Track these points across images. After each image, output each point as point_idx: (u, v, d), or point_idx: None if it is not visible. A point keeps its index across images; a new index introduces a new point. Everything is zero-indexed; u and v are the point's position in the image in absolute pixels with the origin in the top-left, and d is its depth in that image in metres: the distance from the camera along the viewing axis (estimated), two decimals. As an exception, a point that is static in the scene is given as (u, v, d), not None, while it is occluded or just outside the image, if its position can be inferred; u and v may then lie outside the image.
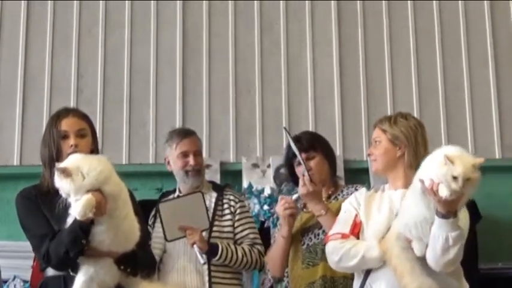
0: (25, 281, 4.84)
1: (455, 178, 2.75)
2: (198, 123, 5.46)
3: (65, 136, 3.20)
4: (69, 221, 2.91)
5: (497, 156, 5.55)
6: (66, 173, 2.81)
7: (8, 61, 5.75)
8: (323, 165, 3.87)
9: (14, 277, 4.74)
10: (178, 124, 5.57)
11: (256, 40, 5.80)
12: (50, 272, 3.13)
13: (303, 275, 3.72)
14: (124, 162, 5.55)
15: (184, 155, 4.14)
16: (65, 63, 5.74)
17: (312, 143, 3.92)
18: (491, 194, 5.21)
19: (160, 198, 4.29)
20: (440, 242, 2.87)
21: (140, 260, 3.10)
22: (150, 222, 4.16)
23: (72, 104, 5.49)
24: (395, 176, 3.29)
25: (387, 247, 3.02)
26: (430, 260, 2.95)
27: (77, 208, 2.78)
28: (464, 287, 3.11)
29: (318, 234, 3.68)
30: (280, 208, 3.77)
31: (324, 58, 5.77)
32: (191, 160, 4.12)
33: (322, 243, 3.57)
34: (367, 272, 3.14)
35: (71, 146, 3.16)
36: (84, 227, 2.84)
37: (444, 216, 2.84)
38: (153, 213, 4.19)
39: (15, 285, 4.77)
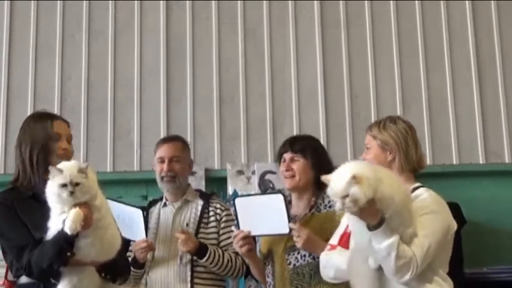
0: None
1: (342, 198, 2.80)
2: (183, 130, 5.44)
3: (57, 139, 3.23)
4: (50, 234, 2.91)
5: (481, 162, 5.58)
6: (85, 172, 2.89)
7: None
8: (304, 171, 3.83)
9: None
10: (162, 131, 5.59)
11: (240, 48, 5.82)
12: (24, 279, 3.10)
13: None
14: (108, 170, 5.57)
15: (161, 160, 4.20)
16: (49, 71, 5.74)
17: (302, 148, 3.90)
18: (475, 199, 5.25)
19: (147, 207, 4.29)
20: (377, 254, 2.91)
21: (120, 268, 3.15)
22: None
23: (56, 112, 5.44)
24: None
25: (352, 261, 3.05)
26: (385, 272, 2.97)
27: (67, 223, 2.80)
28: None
29: (305, 256, 3.65)
30: (236, 246, 3.78)
31: (308, 65, 5.78)
32: (164, 166, 4.14)
33: (309, 267, 3.59)
34: None
35: (64, 149, 3.22)
36: (69, 240, 2.85)
37: (370, 228, 2.88)
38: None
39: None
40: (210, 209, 4.16)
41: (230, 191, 5.44)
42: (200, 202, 4.18)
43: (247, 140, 5.66)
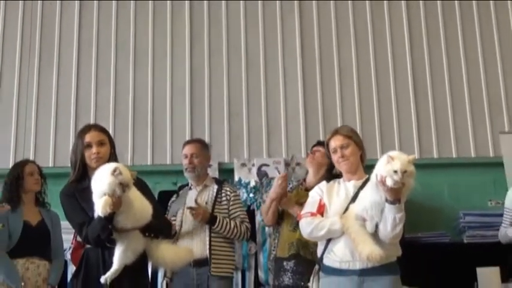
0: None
1: (395, 172, 2.78)
2: (202, 135, 5.43)
3: (89, 146, 3.15)
4: (96, 214, 2.92)
5: (416, 157, 5.53)
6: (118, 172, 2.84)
7: (64, 95, 5.76)
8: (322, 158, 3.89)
9: (70, 247, 4.75)
10: (187, 135, 5.58)
11: (243, 75, 5.80)
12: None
13: (288, 235, 3.76)
14: (149, 163, 5.58)
15: (185, 156, 4.19)
16: (106, 92, 5.75)
17: (320, 143, 3.96)
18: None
19: (178, 189, 4.32)
20: (390, 221, 2.90)
21: (158, 227, 3.12)
22: (170, 204, 4.22)
23: (110, 124, 5.54)
24: (354, 171, 3.25)
25: (348, 224, 3.01)
26: (382, 234, 2.97)
27: (99, 209, 2.82)
28: (399, 251, 3.12)
29: None
30: (276, 185, 3.79)
31: (292, 89, 5.77)
32: (186, 161, 4.17)
33: None
34: (328, 240, 3.14)
35: (94, 153, 3.13)
36: (108, 217, 2.87)
37: (392, 202, 2.87)
38: (173, 198, 4.25)
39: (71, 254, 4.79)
40: (223, 191, 4.14)
41: (236, 179, 5.41)
42: (215, 186, 4.18)
43: (249, 142, 5.63)
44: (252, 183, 5.39)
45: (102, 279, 2.95)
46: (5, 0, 5.99)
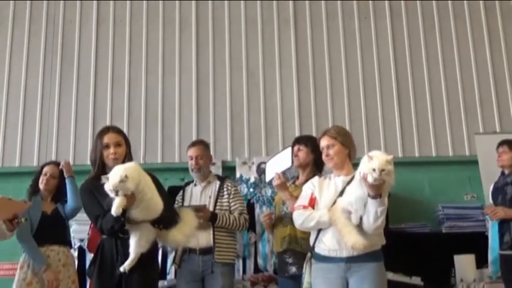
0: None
1: (374, 170, 2.76)
2: (207, 136, 5.47)
3: (107, 146, 3.14)
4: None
5: (400, 155, 5.56)
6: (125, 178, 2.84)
7: (83, 100, 5.76)
8: (306, 155, 3.76)
9: (87, 237, 4.76)
10: (194, 135, 5.58)
11: (244, 82, 5.82)
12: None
13: (280, 231, 3.73)
14: (159, 161, 5.58)
15: (191, 158, 4.16)
16: (121, 100, 5.75)
17: (305, 141, 3.85)
18: (397, 180, 5.22)
19: (184, 186, 4.31)
20: (372, 214, 2.89)
21: (168, 219, 3.10)
22: (179, 199, 4.19)
23: (124, 126, 5.53)
24: (340, 168, 3.22)
25: (335, 216, 3.01)
26: (365, 226, 2.95)
27: (113, 209, 2.82)
28: (383, 240, 3.10)
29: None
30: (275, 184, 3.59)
31: (288, 95, 5.78)
32: (193, 162, 4.16)
33: (290, 213, 3.51)
34: (319, 230, 3.14)
35: (112, 153, 3.12)
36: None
37: (373, 197, 2.86)
38: (180, 193, 4.22)
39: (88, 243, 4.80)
40: (224, 187, 4.09)
41: (238, 175, 5.41)
42: (218, 183, 4.12)
43: (249, 142, 5.64)
44: (252, 180, 5.38)
45: (121, 269, 2.95)
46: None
